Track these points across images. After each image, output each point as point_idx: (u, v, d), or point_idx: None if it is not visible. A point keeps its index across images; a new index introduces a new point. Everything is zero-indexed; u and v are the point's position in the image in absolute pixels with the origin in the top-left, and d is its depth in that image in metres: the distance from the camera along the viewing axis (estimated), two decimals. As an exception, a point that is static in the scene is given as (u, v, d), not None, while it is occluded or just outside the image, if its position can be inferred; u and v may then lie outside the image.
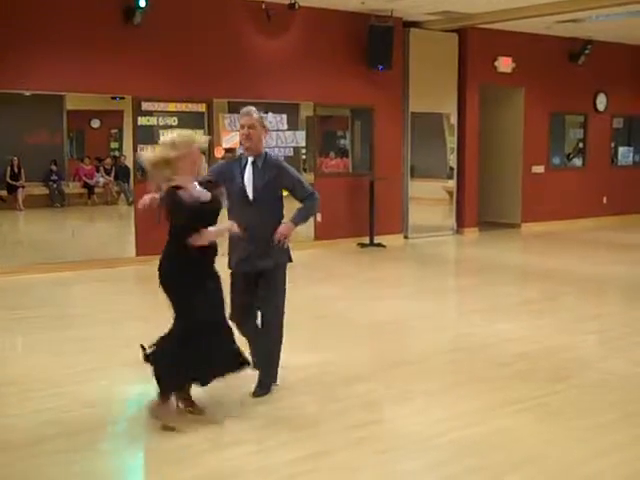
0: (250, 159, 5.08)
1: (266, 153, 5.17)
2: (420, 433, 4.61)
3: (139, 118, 10.79)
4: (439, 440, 4.49)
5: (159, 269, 4.65)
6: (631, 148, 17.04)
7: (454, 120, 14.11)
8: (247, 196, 5.04)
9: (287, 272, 5.20)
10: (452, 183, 14.29)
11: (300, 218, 5.18)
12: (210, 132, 11.29)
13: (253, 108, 5.12)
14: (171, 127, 10.98)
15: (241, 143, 5.15)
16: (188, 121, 11.15)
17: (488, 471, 4.11)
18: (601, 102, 16.06)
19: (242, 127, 5.07)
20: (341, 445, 4.41)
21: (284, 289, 5.21)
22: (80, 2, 10.14)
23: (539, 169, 15.16)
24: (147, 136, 10.93)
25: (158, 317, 7.67)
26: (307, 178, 12.55)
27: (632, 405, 5.13)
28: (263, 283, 5.12)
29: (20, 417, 4.88)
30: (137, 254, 10.72)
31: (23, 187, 13.44)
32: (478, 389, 5.44)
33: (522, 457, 4.28)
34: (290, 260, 5.23)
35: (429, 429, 4.67)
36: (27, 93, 10.42)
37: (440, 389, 5.47)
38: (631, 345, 6.70)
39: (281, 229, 5.03)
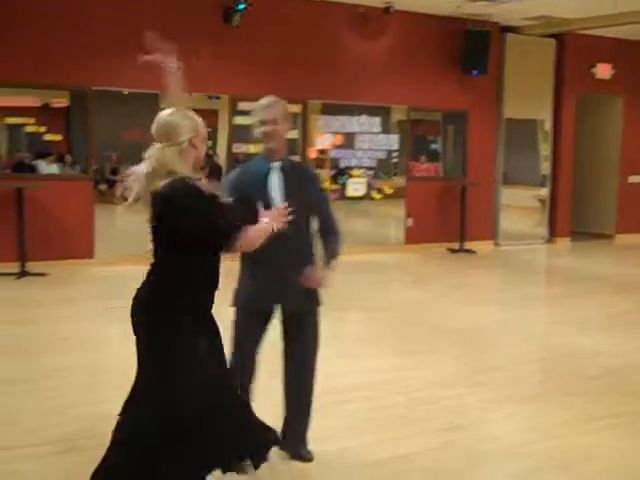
0: (276, 164, 3.97)
1: (288, 156, 4.12)
2: (506, 440, 4.60)
3: (235, 118, 11.01)
4: (525, 449, 4.47)
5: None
6: None
7: (549, 127, 13.89)
8: None
9: (377, 276, 4.94)
10: (544, 191, 14.07)
11: (335, 261, 4.03)
12: (304, 133, 11.44)
13: (275, 97, 4.07)
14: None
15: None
16: (283, 122, 11.33)
17: (575, 483, 4.08)
18: None
19: (263, 123, 3.95)
20: (426, 448, 4.43)
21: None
22: (180, 3, 10.41)
23: (636, 179, 14.77)
24: (242, 135, 11.16)
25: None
26: (398, 182, 12.61)
27: None
28: (297, 325, 4.10)
29: (112, 404, 5.05)
30: (228, 251, 10.92)
31: (121, 182, 13.90)
32: (565, 401, 5.37)
33: (608, 473, 4.22)
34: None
35: (515, 437, 4.65)
36: (125, 91, 10.76)
37: (526, 398, 5.42)
38: None
39: (318, 276, 3.96)
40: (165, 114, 3.29)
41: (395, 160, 12.72)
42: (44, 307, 7.95)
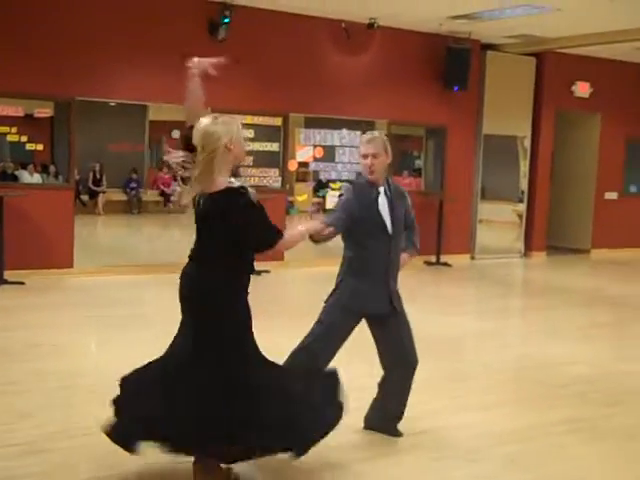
0: (382, 189, 4.56)
1: (387, 178, 4.66)
2: (473, 444, 4.74)
3: (216, 130, 11.10)
4: (490, 452, 4.62)
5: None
6: None
7: (528, 143, 14.09)
8: (387, 230, 4.54)
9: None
10: (523, 206, 14.25)
11: (418, 243, 4.91)
12: (285, 146, 11.57)
13: (377, 132, 4.74)
14: (247, 139, 11.30)
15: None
16: (264, 134, 11.47)
17: (534, 485, 4.22)
18: (680, 131, 15.82)
19: (365, 157, 4.49)
20: (394, 450, 4.58)
21: None
22: (167, 16, 10.53)
23: (612, 195, 15.00)
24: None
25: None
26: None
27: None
28: (395, 323, 4.70)
29: (85, 407, 5.15)
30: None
31: (104, 193, 13.98)
32: (532, 407, 5.52)
33: (570, 475, 4.36)
34: None
35: (482, 441, 4.79)
36: (112, 103, 10.87)
37: (495, 404, 5.56)
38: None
39: (407, 259, 4.77)
40: (202, 123, 3.73)
41: (377, 174, 12.85)
42: (21, 315, 7.99)
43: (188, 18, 10.66)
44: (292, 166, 11.82)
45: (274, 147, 11.55)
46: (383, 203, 4.55)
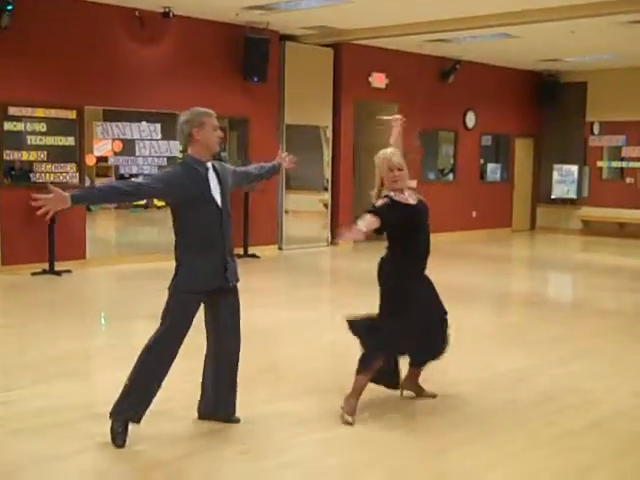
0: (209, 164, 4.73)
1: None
2: (284, 434, 4.72)
3: (6, 123, 10.45)
4: (301, 439, 4.64)
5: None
6: (499, 165, 17.75)
7: (330, 133, 14.32)
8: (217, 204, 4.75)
9: (162, 282, 4.95)
10: (328, 195, 14.47)
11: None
12: (81, 140, 11.07)
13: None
14: (40, 133, 10.71)
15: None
16: (58, 128, 10.90)
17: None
18: (470, 120, 16.67)
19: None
20: (206, 445, 4.47)
21: None
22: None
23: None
24: (15, 142, 10.61)
25: (20, 323, 7.45)
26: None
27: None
28: (228, 303, 4.72)
29: None
30: (2, 264, 10.38)
31: None
32: (342, 395, 5.51)
33: (371, 460, 4.41)
34: None
35: (293, 430, 4.79)
36: None
37: (306, 393, 5.54)
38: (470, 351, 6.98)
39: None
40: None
41: (180, 168, 12.56)
42: None
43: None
44: (90, 160, 11.32)
45: (69, 141, 11.02)
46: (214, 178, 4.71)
